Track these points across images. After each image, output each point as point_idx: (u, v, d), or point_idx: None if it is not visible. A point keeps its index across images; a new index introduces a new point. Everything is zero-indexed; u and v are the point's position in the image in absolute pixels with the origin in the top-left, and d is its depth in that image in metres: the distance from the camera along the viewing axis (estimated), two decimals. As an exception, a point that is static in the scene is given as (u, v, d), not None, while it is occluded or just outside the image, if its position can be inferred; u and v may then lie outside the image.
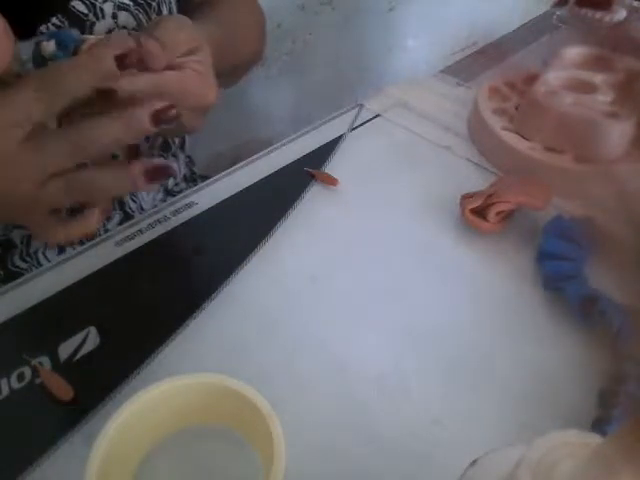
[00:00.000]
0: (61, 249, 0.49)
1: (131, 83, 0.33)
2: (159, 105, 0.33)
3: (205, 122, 0.41)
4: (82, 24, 0.43)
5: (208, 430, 0.30)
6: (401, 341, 0.37)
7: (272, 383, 0.31)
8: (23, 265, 0.48)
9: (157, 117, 0.33)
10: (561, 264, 0.39)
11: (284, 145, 0.54)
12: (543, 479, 0.18)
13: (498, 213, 0.43)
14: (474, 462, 0.22)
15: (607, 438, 0.17)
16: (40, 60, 0.35)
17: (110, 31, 0.45)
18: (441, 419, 0.33)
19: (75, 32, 0.37)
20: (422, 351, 0.37)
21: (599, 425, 0.31)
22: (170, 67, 0.36)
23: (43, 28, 0.41)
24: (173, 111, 0.33)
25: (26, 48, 0.35)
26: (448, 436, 0.32)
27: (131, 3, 0.46)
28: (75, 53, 0.35)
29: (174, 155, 0.59)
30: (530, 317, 0.39)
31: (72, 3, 0.42)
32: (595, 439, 0.19)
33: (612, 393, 0.32)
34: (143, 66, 0.34)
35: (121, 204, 0.53)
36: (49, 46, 0.35)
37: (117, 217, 0.52)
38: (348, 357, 0.36)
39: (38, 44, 0.35)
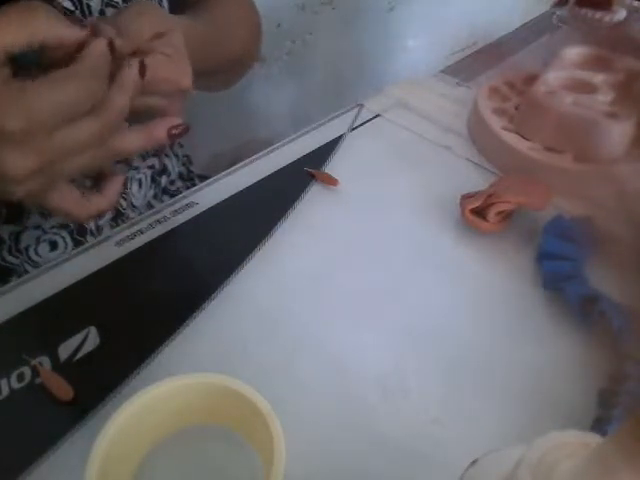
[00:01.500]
0: (53, 245, 0.49)
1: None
2: (174, 123, 0.37)
3: (184, 108, 0.41)
4: None
5: (208, 430, 0.30)
6: (401, 341, 0.37)
7: (272, 383, 0.31)
8: (14, 260, 0.48)
9: (171, 134, 0.37)
10: (561, 264, 0.39)
11: (284, 145, 0.54)
12: (543, 479, 0.18)
13: (498, 213, 0.43)
14: (474, 462, 0.22)
15: (607, 438, 0.17)
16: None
17: None
18: (441, 419, 0.33)
19: None
20: (422, 351, 0.37)
21: (599, 425, 0.31)
22: (137, 53, 0.36)
23: None
24: (184, 126, 0.38)
25: None
26: (448, 436, 0.32)
27: (119, 0, 0.46)
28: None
29: (166, 155, 0.59)
30: (530, 317, 0.39)
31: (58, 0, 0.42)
32: (595, 439, 0.19)
33: (612, 393, 0.32)
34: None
35: None
36: None
37: (109, 214, 0.52)
38: (348, 357, 0.36)
39: None
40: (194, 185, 0.56)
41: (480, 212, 0.43)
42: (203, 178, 0.61)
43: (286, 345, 0.37)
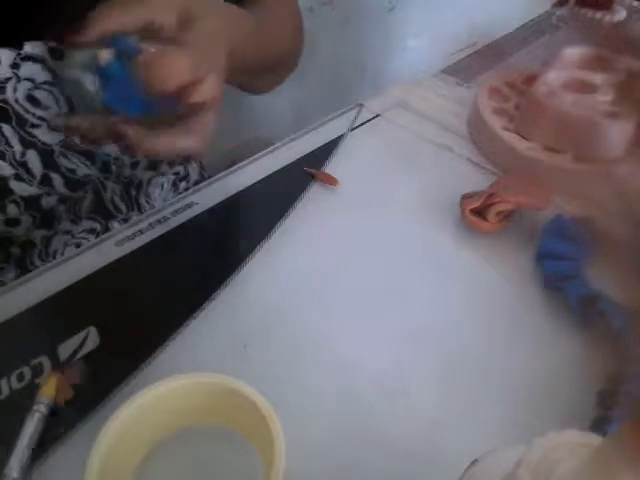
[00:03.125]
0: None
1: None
2: None
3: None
4: None
5: (208, 430, 0.30)
6: (401, 341, 0.37)
7: (272, 383, 0.31)
8: (41, 265, 0.48)
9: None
10: (561, 264, 0.39)
11: (284, 145, 0.54)
12: (543, 479, 0.18)
13: (498, 213, 0.43)
14: (474, 462, 0.22)
15: (607, 438, 0.17)
16: (96, 68, 0.34)
17: None
18: (441, 419, 0.33)
19: (134, 40, 0.35)
20: (422, 351, 0.37)
21: (599, 425, 0.31)
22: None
23: None
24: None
25: (83, 56, 0.34)
26: (448, 436, 0.32)
27: None
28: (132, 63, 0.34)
29: (190, 162, 0.59)
30: (530, 317, 0.39)
31: None
32: (595, 439, 0.19)
33: (612, 393, 0.32)
34: None
35: (138, 205, 0.53)
36: (106, 55, 0.34)
37: (134, 218, 0.52)
38: (348, 357, 0.36)
39: (95, 52, 0.34)
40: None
41: (480, 212, 0.43)
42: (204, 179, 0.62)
43: (286, 345, 0.37)
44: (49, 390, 0.32)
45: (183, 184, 0.59)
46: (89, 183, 0.47)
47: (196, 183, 0.63)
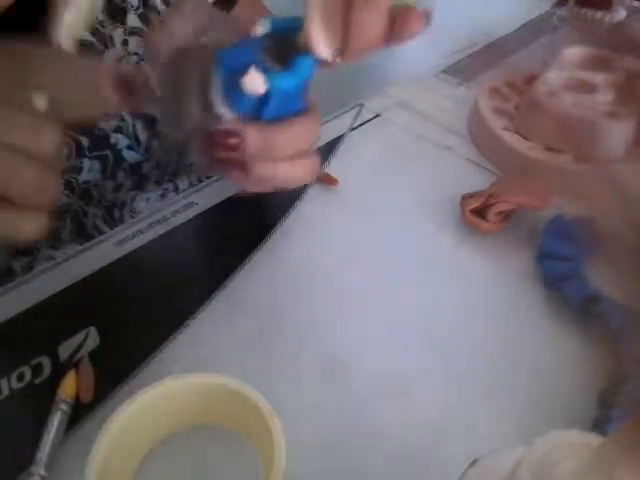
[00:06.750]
0: None
1: None
2: None
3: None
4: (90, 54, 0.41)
5: (208, 430, 0.30)
6: (401, 341, 0.37)
7: (272, 383, 0.31)
8: None
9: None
10: (561, 264, 0.39)
11: (284, 145, 0.54)
12: (543, 479, 0.18)
13: (498, 213, 0.43)
14: (474, 462, 0.22)
15: (607, 438, 0.17)
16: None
17: (121, 59, 0.44)
18: (441, 419, 0.33)
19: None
20: (422, 351, 0.37)
21: (599, 425, 0.31)
22: None
23: None
24: None
25: None
26: (448, 436, 0.32)
27: (145, 27, 0.44)
28: None
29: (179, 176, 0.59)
30: (530, 317, 0.39)
31: None
32: (595, 439, 0.19)
33: (612, 393, 0.32)
34: None
35: (122, 223, 0.53)
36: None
37: (134, 218, 0.52)
38: (348, 357, 0.36)
39: None
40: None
41: (480, 212, 0.43)
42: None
43: (286, 345, 0.37)
44: (70, 387, 0.32)
45: (172, 194, 0.58)
46: (68, 212, 0.46)
47: (191, 185, 0.62)
